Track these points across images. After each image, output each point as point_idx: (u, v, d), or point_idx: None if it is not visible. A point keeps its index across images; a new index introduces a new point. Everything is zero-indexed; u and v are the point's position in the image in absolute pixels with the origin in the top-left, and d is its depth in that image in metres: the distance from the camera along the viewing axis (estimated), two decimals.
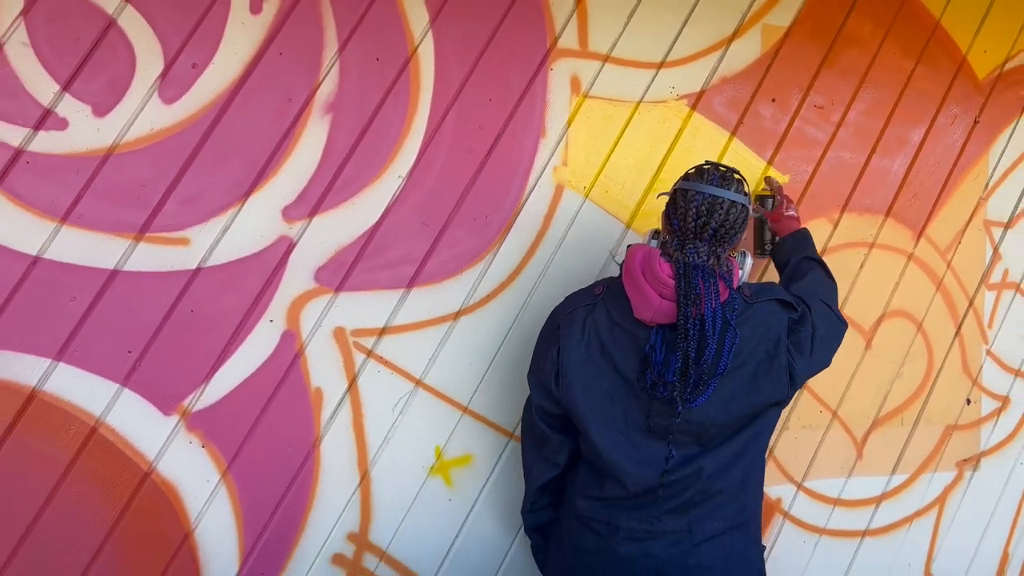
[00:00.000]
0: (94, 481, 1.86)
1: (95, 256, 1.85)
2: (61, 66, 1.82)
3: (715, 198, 1.71)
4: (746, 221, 1.76)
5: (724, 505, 1.73)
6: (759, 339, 1.72)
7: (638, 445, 1.72)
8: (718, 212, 1.70)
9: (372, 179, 2.06)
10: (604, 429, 1.73)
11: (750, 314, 1.73)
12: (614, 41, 2.28)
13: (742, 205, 1.73)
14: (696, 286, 1.65)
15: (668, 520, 1.71)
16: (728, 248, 1.75)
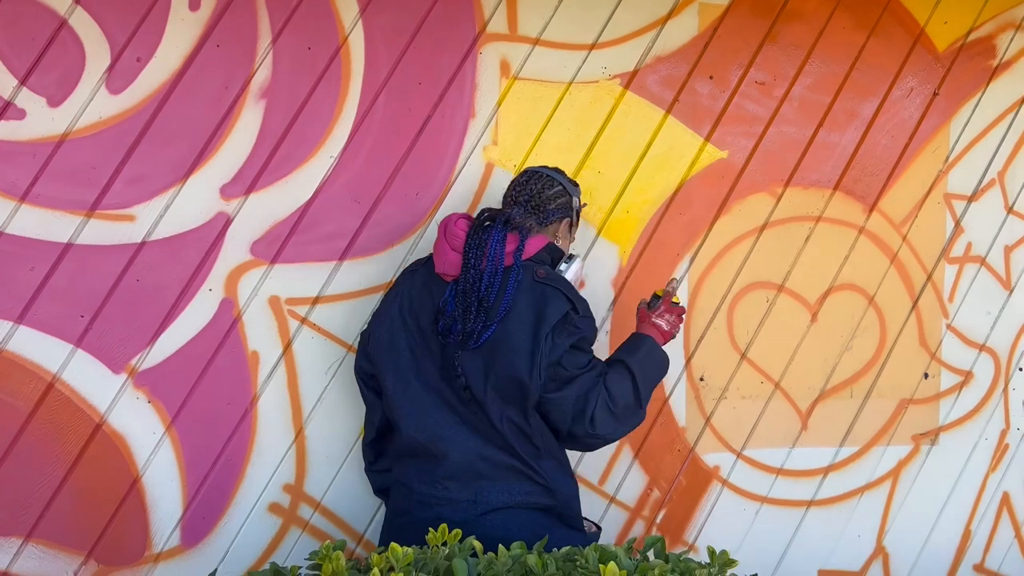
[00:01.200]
0: (51, 430, 2.10)
1: (51, 231, 2.08)
2: (19, 63, 2.06)
3: (536, 171, 2.00)
4: (563, 205, 1.97)
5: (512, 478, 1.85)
6: (531, 315, 1.83)
7: (424, 401, 1.87)
8: (534, 182, 1.97)
9: (305, 159, 2.23)
10: (398, 382, 1.88)
11: (533, 290, 1.85)
12: (544, 24, 2.38)
13: (561, 187, 1.96)
14: (484, 243, 1.81)
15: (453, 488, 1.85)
16: (543, 225, 1.94)
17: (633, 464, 2.48)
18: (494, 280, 1.82)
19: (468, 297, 1.82)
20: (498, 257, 1.83)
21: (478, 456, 1.85)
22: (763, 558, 2.60)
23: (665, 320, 2.06)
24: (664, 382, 2.49)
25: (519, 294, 1.83)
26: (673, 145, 2.48)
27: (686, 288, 2.50)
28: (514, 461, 1.85)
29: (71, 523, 2.13)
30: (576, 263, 1.98)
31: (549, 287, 1.85)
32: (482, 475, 1.85)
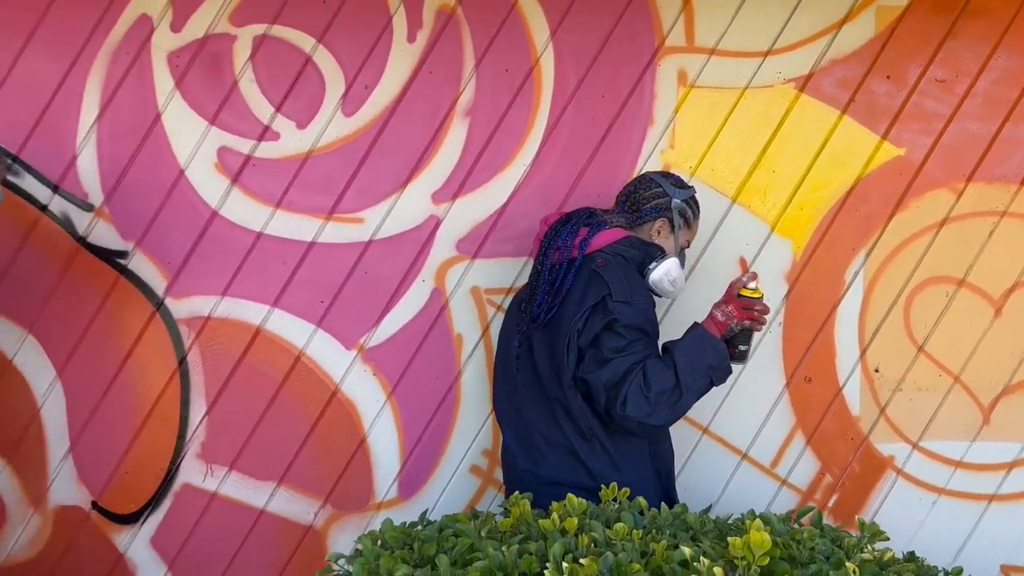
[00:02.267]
0: (297, 396, 2.56)
1: (298, 231, 2.53)
2: (275, 94, 2.52)
3: (642, 175, 2.22)
4: (660, 206, 2.17)
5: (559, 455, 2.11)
6: (577, 299, 2.03)
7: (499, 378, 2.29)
8: (634, 184, 2.20)
9: (501, 168, 2.55)
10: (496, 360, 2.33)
11: (587, 277, 2.04)
12: (720, 35, 2.56)
13: (660, 188, 2.15)
14: (558, 235, 2.12)
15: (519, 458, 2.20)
16: (636, 224, 2.17)
17: (805, 449, 2.60)
18: (558, 268, 2.08)
19: (537, 281, 2.11)
20: (567, 247, 2.08)
21: (536, 430, 2.13)
22: (941, 549, 2.61)
23: (721, 311, 2.08)
24: (837, 371, 2.59)
25: (577, 281, 2.05)
26: (849, 144, 2.57)
27: (860, 283, 2.58)
28: (561, 438, 2.09)
29: (312, 473, 2.58)
30: (664, 263, 2.09)
31: (597, 274, 2.04)
32: (538, 449, 2.12)
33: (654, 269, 2.10)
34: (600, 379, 1.98)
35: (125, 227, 2.51)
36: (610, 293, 1.99)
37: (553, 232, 2.14)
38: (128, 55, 2.48)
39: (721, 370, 2.06)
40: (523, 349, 2.16)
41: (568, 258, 2.09)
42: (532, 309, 2.11)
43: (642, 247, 2.13)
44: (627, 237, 2.12)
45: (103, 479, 2.55)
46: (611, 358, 1.98)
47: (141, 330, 2.52)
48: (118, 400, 2.53)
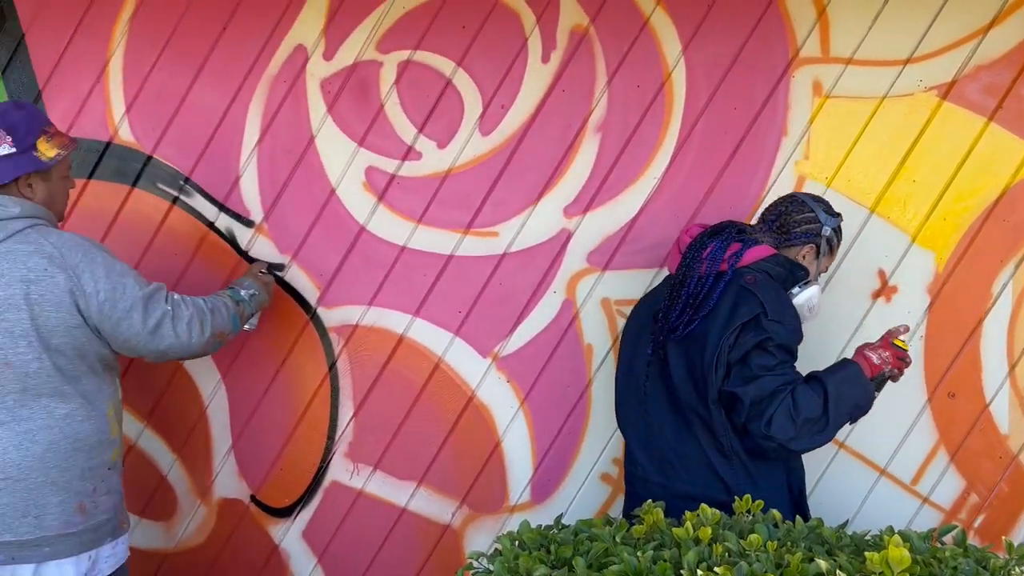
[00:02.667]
0: (437, 400, 2.69)
1: (438, 245, 2.67)
2: (418, 116, 2.67)
3: (794, 195, 2.20)
4: (811, 231, 2.16)
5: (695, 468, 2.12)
6: (725, 314, 2.01)
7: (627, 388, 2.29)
8: (786, 204, 2.18)
9: (632, 181, 2.60)
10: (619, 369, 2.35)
11: (736, 293, 2.02)
12: (857, 45, 2.52)
13: (812, 214, 2.13)
14: (705, 247, 2.10)
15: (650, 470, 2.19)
16: (784, 246, 2.16)
17: (949, 467, 2.52)
18: (705, 281, 2.06)
19: (678, 292, 2.10)
20: (716, 260, 2.07)
21: (667, 443, 2.13)
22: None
23: (877, 354, 2.10)
24: (984, 387, 2.50)
25: (724, 295, 2.04)
26: (996, 151, 2.48)
27: (1009, 296, 2.48)
28: (698, 452, 2.08)
29: (449, 474, 2.71)
30: (809, 289, 2.12)
31: (748, 291, 2.02)
32: (671, 461, 2.12)
33: (798, 293, 2.12)
34: (747, 395, 1.98)
35: (282, 242, 2.72)
36: (765, 311, 1.99)
37: (699, 244, 2.13)
38: (285, 83, 2.69)
39: (863, 410, 2.08)
40: (656, 359, 2.17)
41: (716, 271, 2.08)
42: (671, 320, 2.11)
43: (788, 267, 2.13)
44: (775, 255, 2.12)
45: (261, 474, 2.77)
46: (759, 375, 1.98)
47: (296, 337, 2.73)
48: (275, 401, 2.75)
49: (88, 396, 2.03)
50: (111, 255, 2.06)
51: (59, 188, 2.13)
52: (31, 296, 1.91)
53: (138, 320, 2.03)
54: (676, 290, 2.13)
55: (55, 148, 2.07)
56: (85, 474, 2.00)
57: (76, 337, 1.97)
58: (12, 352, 1.90)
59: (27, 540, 1.91)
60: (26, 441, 1.91)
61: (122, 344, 2.06)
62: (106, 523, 2.08)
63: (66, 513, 1.97)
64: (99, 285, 1.97)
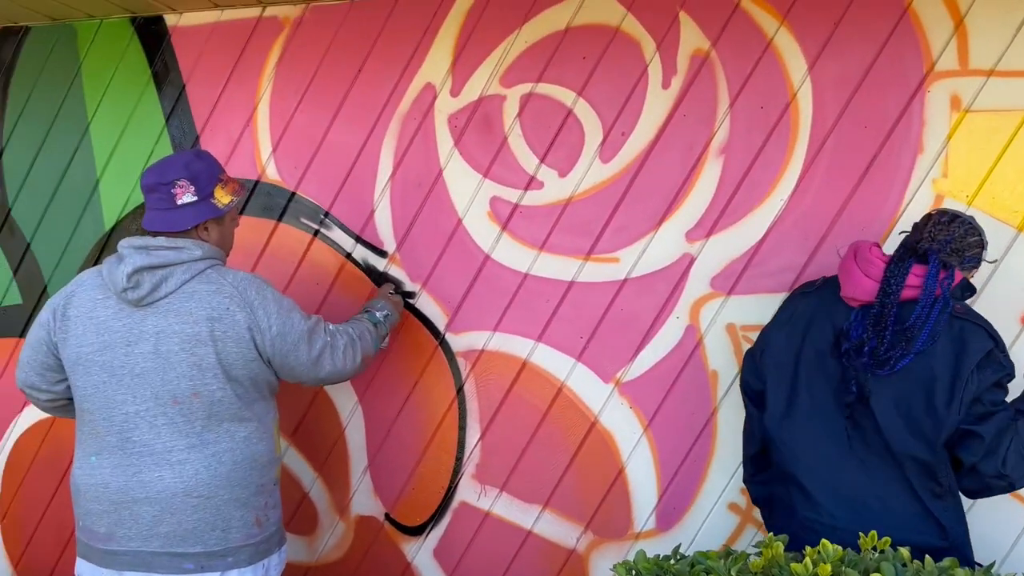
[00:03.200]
0: (560, 425, 2.73)
1: (560, 272, 2.72)
2: (539, 146, 2.73)
3: (958, 215, 2.04)
4: (977, 256, 2.02)
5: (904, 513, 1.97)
6: (953, 348, 1.87)
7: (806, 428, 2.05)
8: (958, 225, 2.03)
9: (757, 204, 2.55)
10: (780, 404, 2.09)
11: (952, 324, 1.89)
12: (1000, 55, 2.37)
13: (979, 238, 2.03)
14: (905, 272, 1.94)
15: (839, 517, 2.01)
16: (955, 264, 1.98)
17: None
18: (924, 311, 1.91)
19: (882, 322, 1.93)
20: (931, 288, 1.92)
21: (865, 485, 1.98)
22: None
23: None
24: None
25: (939, 326, 1.90)
26: None
27: None
28: (907, 495, 1.95)
29: (574, 499, 2.73)
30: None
31: (969, 323, 1.91)
32: (869, 507, 1.96)
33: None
34: (987, 433, 1.89)
35: (413, 270, 2.85)
36: (997, 344, 1.92)
37: (902, 268, 1.97)
38: (415, 120, 2.82)
39: None
40: (855, 398, 2.00)
41: (931, 299, 1.94)
42: (880, 354, 1.95)
43: (966, 291, 2.04)
44: (963, 280, 2.02)
45: (394, 494, 2.89)
46: (994, 412, 1.91)
47: (426, 361, 2.84)
48: (407, 424, 2.86)
49: (261, 419, 2.22)
50: (277, 291, 2.25)
51: (229, 230, 2.34)
52: (215, 332, 2.10)
53: (304, 352, 2.22)
54: (880, 320, 1.96)
55: (229, 195, 2.26)
56: (259, 490, 2.20)
57: (252, 368, 2.16)
58: (201, 383, 2.10)
59: (215, 551, 2.11)
60: (214, 463, 2.11)
61: (288, 373, 2.25)
62: (275, 534, 2.28)
63: (247, 526, 2.16)
64: (271, 321, 2.16)
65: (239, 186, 2.32)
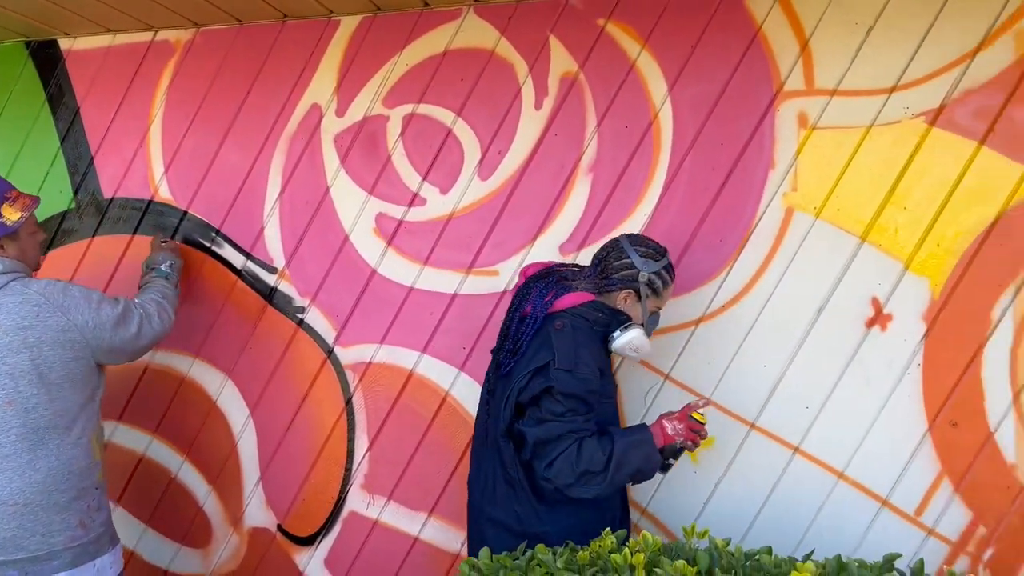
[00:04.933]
0: (446, 432, 2.82)
1: (443, 285, 2.82)
2: (422, 164, 2.84)
3: (617, 241, 2.30)
4: (627, 277, 2.25)
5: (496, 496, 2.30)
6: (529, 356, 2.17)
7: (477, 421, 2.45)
8: (607, 250, 2.29)
9: (624, 218, 2.68)
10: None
11: (544, 337, 2.18)
12: (841, 76, 2.54)
13: (628, 260, 2.25)
14: (529, 290, 2.28)
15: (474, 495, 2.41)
16: (604, 290, 2.28)
17: (953, 498, 2.46)
18: (522, 325, 2.23)
19: (505, 333, 2.28)
20: (535, 305, 2.23)
21: (483, 469, 2.31)
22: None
23: (672, 425, 2.22)
24: (988, 417, 2.43)
25: (535, 339, 2.19)
26: (988, 176, 2.44)
27: (1010, 321, 2.41)
28: (500, 481, 2.24)
29: (458, 504, 2.81)
30: (629, 333, 2.22)
31: (550, 337, 2.16)
32: (486, 488, 2.28)
33: (617, 338, 2.23)
34: (534, 435, 2.13)
35: (302, 286, 2.93)
36: (554, 359, 2.12)
37: (525, 287, 2.32)
38: (303, 140, 2.91)
39: (645, 475, 2.19)
40: (487, 392, 2.38)
41: (534, 315, 2.23)
42: (500, 358, 2.29)
43: (608, 313, 2.24)
44: (592, 302, 2.24)
45: (286, 505, 2.95)
46: (548, 419, 2.12)
47: (315, 375, 2.92)
48: (297, 436, 2.93)
49: (76, 425, 2.29)
50: (83, 287, 2.36)
51: (29, 243, 2.42)
52: (29, 339, 2.18)
53: (123, 332, 2.39)
54: (504, 330, 2.31)
55: (18, 211, 2.34)
56: (80, 494, 2.27)
57: (72, 369, 2.25)
58: (14, 392, 2.17)
59: (38, 556, 2.16)
60: (28, 470, 2.17)
61: (118, 355, 2.41)
62: (104, 535, 2.36)
63: (69, 529, 2.23)
64: (86, 317, 2.28)
65: (30, 200, 2.41)
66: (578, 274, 2.36)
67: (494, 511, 2.27)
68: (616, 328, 2.25)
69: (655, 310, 2.35)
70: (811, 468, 2.55)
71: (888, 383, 2.50)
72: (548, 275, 2.37)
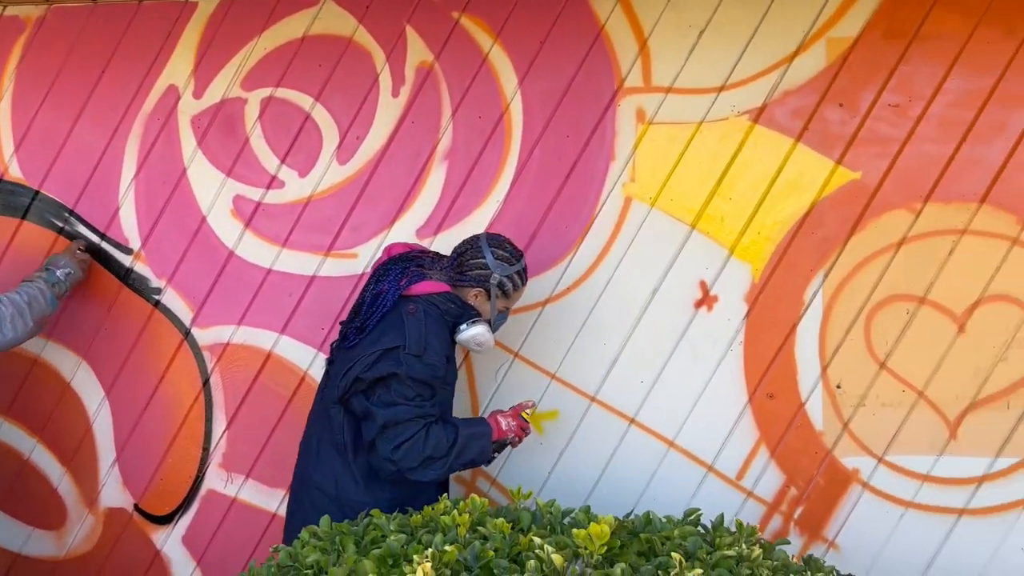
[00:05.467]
0: (305, 411, 2.82)
1: (302, 267, 2.88)
2: (280, 147, 2.89)
3: (476, 240, 2.43)
4: (479, 277, 2.37)
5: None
6: (378, 335, 2.28)
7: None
8: (466, 247, 2.42)
9: (478, 205, 2.82)
10: None
11: (397, 318, 2.29)
12: (676, 75, 2.74)
13: (483, 261, 2.37)
14: (388, 273, 2.38)
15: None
16: (458, 283, 2.40)
17: (769, 463, 2.72)
18: (375, 303, 2.33)
19: (357, 308, 2.39)
20: (393, 289, 2.33)
21: (314, 433, 2.44)
22: (911, 562, 2.67)
23: (506, 422, 2.42)
24: (799, 388, 2.70)
25: (385, 318, 2.30)
26: (803, 170, 2.69)
27: (820, 303, 2.68)
28: (326, 445, 2.38)
29: None
30: (473, 328, 2.38)
31: (402, 321, 2.28)
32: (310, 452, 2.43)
33: (463, 331, 2.38)
34: (384, 417, 2.24)
35: (159, 267, 2.94)
36: (405, 344, 2.25)
37: (385, 267, 2.41)
38: (159, 120, 2.91)
39: (476, 465, 2.42)
40: (328, 362, 2.48)
41: (387, 296, 2.33)
42: (347, 331, 2.39)
43: (459, 306, 2.38)
44: (447, 293, 2.37)
45: (143, 485, 2.96)
46: (399, 403, 2.25)
47: (172, 356, 2.93)
48: (154, 416, 2.95)
49: None
50: None
51: None
52: None
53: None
54: (357, 305, 2.40)
55: None
56: None
57: None
58: None
59: None
60: None
61: None
62: None
63: None
64: None
65: None
66: (435, 263, 2.45)
67: (315, 474, 2.38)
68: (464, 321, 2.38)
69: (503, 309, 2.47)
70: (645, 438, 2.76)
71: (713, 359, 2.73)
72: (408, 259, 2.45)
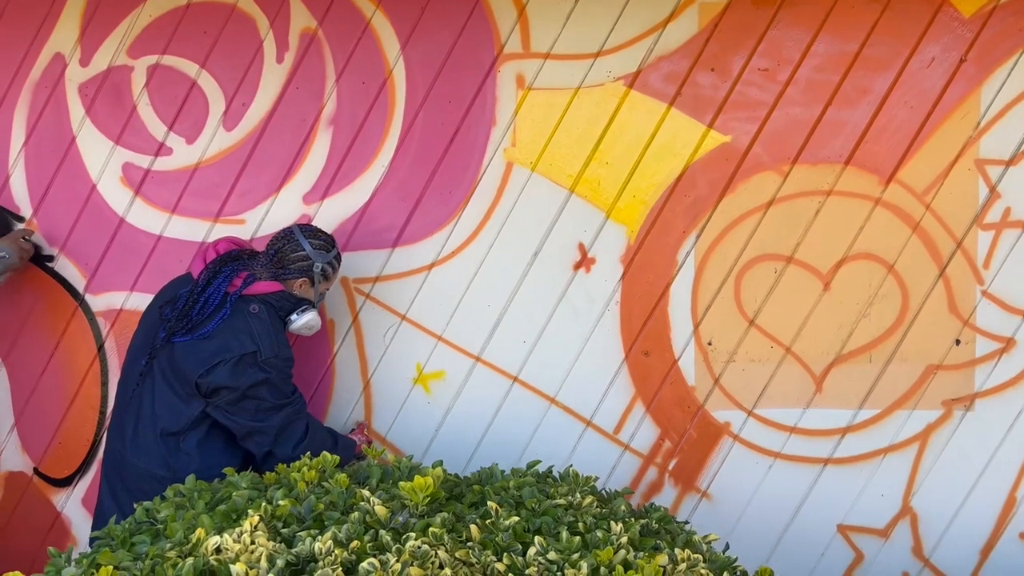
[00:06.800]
0: None
1: (191, 233, 2.92)
2: (167, 115, 2.91)
3: (290, 232, 2.52)
4: (302, 267, 2.49)
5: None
6: (225, 337, 2.36)
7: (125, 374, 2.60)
8: (283, 242, 2.50)
9: (363, 170, 2.87)
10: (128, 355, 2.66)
11: (241, 319, 2.38)
12: (553, 41, 2.79)
13: (304, 252, 2.49)
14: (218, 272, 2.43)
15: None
16: (283, 276, 2.49)
17: (645, 417, 2.83)
18: (208, 303, 2.38)
19: (187, 305, 2.40)
20: (221, 289, 2.39)
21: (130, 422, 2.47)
22: (780, 509, 2.81)
23: (365, 440, 2.78)
24: (673, 345, 2.81)
25: (228, 318, 2.37)
26: (676, 134, 2.77)
27: (692, 263, 2.78)
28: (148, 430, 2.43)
29: None
30: (306, 315, 2.52)
31: (248, 324, 2.38)
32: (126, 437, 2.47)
33: (295, 321, 2.51)
34: (275, 424, 2.42)
35: (51, 234, 2.96)
36: (260, 351, 2.36)
37: (216, 266, 2.45)
38: (47, 89, 2.91)
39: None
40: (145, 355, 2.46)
41: (219, 297, 2.39)
42: (179, 322, 2.39)
43: (291, 300, 2.49)
44: (281, 291, 2.47)
45: (42, 448, 3.01)
46: (282, 405, 2.42)
47: (67, 322, 2.97)
48: (51, 382, 2.99)
49: None
50: None
51: None
52: None
53: None
54: (191, 299, 2.42)
55: None
56: None
57: None
58: None
59: None
60: None
61: None
62: None
63: None
64: None
65: None
66: (255, 261, 2.51)
67: (138, 461, 2.42)
68: (294, 311, 2.50)
69: (324, 291, 2.61)
70: (528, 395, 2.86)
71: (591, 319, 2.82)
72: (233, 258, 2.50)
